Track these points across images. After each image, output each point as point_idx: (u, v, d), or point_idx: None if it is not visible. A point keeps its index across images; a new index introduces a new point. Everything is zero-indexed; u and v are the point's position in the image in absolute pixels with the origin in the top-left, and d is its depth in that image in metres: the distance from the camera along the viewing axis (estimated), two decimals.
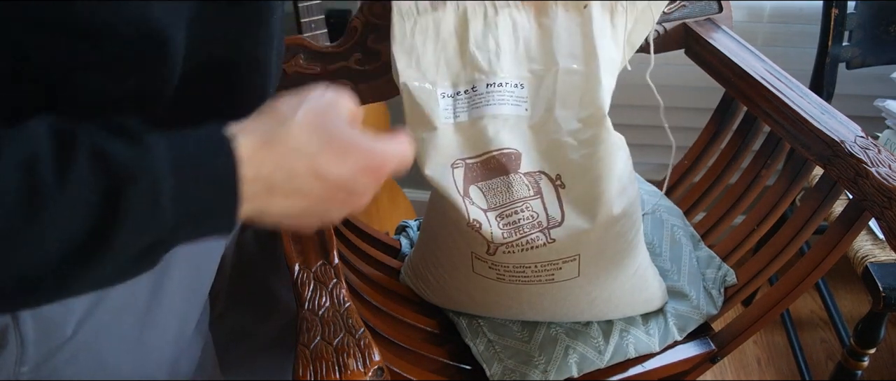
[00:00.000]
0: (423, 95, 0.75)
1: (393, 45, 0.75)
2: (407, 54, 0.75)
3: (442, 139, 0.76)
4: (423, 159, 0.75)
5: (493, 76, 0.77)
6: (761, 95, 0.81)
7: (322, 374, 0.56)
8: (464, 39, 0.76)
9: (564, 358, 0.81)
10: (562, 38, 0.77)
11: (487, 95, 0.77)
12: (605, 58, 0.76)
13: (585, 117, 0.75)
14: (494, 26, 0.77)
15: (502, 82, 0.77)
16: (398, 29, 0.75)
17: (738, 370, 1.51)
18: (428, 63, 0.76)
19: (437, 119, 0.75)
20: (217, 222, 0.44)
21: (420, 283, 0.88)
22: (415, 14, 0.75)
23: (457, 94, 0.77)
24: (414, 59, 0.76)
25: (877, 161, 0.70)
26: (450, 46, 0.76)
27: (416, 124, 0.76)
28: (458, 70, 0.77)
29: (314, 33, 1.28)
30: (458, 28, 0.76)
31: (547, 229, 0.73)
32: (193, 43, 0.47)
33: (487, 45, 0.77)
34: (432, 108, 0.75)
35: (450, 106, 0.77)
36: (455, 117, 0.77)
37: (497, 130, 0.76)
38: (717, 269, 0.90)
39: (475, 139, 0.76)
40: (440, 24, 0.76)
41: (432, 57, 0.76)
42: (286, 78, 0.80)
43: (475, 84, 0.77)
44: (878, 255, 1.05)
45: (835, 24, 1.20)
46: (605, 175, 0.73)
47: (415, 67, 0.76)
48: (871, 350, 1.15)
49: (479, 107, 0.77)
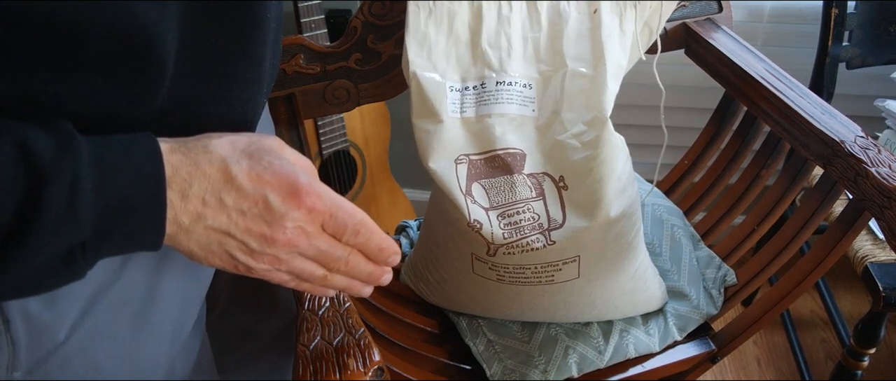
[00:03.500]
0: (432, 87, 0.75)
1: (406, 33, 0.75)
2: (419, 44, 0.75)
3: (447, 133, 0.75)
4: (427, 152, 0.75)
5: (503, 74, 0.77)
6: (761, 95, 0.81)
7: (322, 374, 0.56)
8: (477, 34, 0.76)
9: (564, 358, 0.81)
10: (571, 39, 0.77)
11: (496, 92, 0.77)
12: (612, 62, 0.76)
13: (589, 120, 0.75)
14: (508, 24, 0.77)
15: (512, 81, 0.77)
16: (412, 17, 0.75)
17: (738, 370, 1.51)
18: (439, 55, 0.76)
19: (443, 112, 0.75)
20: (145, 221, 0.43)
21: (420, 283, 0.88)
22: (430, 4, 0.75)
23: (465, 88, 0.77)
24: (425, 50, 0.75)
25: (877, 161, 0.70)
26: (462, 40, 0.76)
27: (422, 116, 0.75)
28: (468, 65, 0.77)
29: (314, 33, 1.28)
30: (472, 22, 0.76)
31: (548, 230, 0.73)
32: (185, 44, 0.46)
33: (499, 42, 0.77)
34: (440, 100, 0.75)
35: (457, 100, 0.77)
36: (462, 112, 0.77)
37: (503, 129, 0.76)
38: (717, 269, 0.90)
39: (481, 136, 0.76)
40: (455, 16, 0.76)
41: (444, 49, 0.76)
42: (286, 77, 0.80)
43: (484, 81, 0.77)
44: (878, 255, 1.05)
45: (835, 24, 1.20)
46: (606, 177, 0.73)
47: (426, 58, 0.76)
48: (871, 350, 1.15)
49: (487, 104, 0.77)
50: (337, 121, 1.43)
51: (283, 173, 0.46)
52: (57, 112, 0.42)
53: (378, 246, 0.52)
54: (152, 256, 0.55)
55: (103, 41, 0.41)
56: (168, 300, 0.58)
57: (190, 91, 0.49)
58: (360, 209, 0.50)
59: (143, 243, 0.44)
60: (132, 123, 0.46)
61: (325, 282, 0.52)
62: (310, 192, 0.47)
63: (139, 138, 0.43)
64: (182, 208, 0.44)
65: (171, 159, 0.44)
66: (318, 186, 0.48)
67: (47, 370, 0.51)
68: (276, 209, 0.46)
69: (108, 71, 0.43)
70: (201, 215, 0.45)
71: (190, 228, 0.45)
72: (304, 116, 0.82)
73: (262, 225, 0.46)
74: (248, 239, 0.47)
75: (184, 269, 0.59)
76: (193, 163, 0.44)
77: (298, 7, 1.25)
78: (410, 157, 0.77)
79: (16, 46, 0.39)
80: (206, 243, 0.46)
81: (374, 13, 0.79)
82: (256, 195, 0.46)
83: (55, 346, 0.51)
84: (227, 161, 0.45)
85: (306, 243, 0.48)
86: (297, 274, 0.50)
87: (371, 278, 0.54)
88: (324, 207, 0.48)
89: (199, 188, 0.44)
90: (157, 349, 0.59)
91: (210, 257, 0.47)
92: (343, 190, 1.52)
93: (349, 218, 0.49)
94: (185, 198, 0.44)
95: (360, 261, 0.52)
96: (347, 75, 0.82)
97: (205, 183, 0.45)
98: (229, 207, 0.45)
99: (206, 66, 0.49)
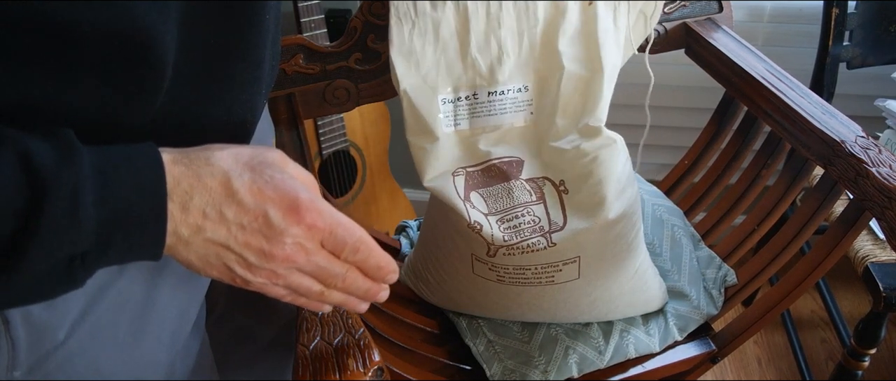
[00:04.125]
0: (424, 102, 0.74)
1: (391, 50, 0.74)
2: (406, 59, 0.74)
3: (443, 150, 0.75)
4: (424, 169, 0.75)
5: (495, 84, 0.76)
6: (761, 95, 0.81)
7: (322, 374, 0.56)
8: (465, 42, 0.75)
9: (564, 358, 0.81)
10: (568, 36, 0.76)
11: (489, 104, 0.76)
12: (608, 63, 0.75)
13: (586, 123, 0.75)
14: (498, 25, 0.75)
15: (504, 90, 0.76)
16: (396, 33, 0.74)
17: (738, 370, 1.51)
18: (428, 66, 0.75)
19: (438, 128, 0.75)
20: (145, 232, 0.43)
21: (420, 283, 0.88)
22: (412, 17, 0.74)
23: (458, 99, 0.76)
24: (413, 64, 0.75)
25: (877, 161, 0.70)
26: (450, 48, 0.75)
27: (416, 133, 0.75)
28: (459, 73, 0.76)
29: (314, 33, 1.28)
30: (459, 28, 0.75)
31: (548, 233, 0.73)
32: (184, 46, 0.46)
33: (490, 47, 0.76)
34: (433, 115, 0.75)
35: (450, 112, 0.76)
36: (456, 125, 0.76)
37: (498, 140, 0.76)
38: (717, 269, 0.89)
39: (476, 148, 0.76)
40: (440, 25, 0.74)
41: (432, 59, 0.75)
42: (286, 77, 0.80)
43: (477, 91, 0.76)
44: (878, 255, 1.05)
45: (835, 23, 1.20)
46: (605, 179, 0.73)
47: (414, 72, 0.75)
48: (871, 350, 1.15)
49: (480, 117, 0.76)
50: (337, 121, 1.43)
51: (285, 189, 0.46)
52: (55, 113, 0.42)
53: (376, 264, 0.52)
54: None
55: (103, 42, 0.41)
56: (168, 301, 0.58)
57: (189, 93, 0.49)
58: (360, 227, 0.50)
59: (143, 253, 0.44)
60: (131, 125, 0.46)
61: (322, 297, 0.52)
62: (310, 208, 0.47)
63: (141, 149, 0.43)
64: (182, 220, 0.44)
65: (172, 171, 0.44)
66: (320, 202, 0.48)
67: (47, 370, 0.51)
68: (275, 225, 0.46)
69: (107, 72, 0.43)
70: (201, 228, 0.45)
71: (189, 240, 0.45)
72: (303, 116, 0.82)
73: (261, 240, 0.46)
74: (246, 253, 0.47)
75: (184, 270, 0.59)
76: (195, 175, 0.44)
77: (298, 7, 1.25)
78: (410, 157, 0.77)
79: (14, 47, 0.39)
80: (205, 254, 0.46)
81: (373, 13, 0.79)
82: (257, 210, 0.46)
83: (55, 346, 0.51)
84: (230, 174, 0.45)
85: (305, 259, 0.48)
86: (295, 289, 0.50)
87: (368, 295, 0.54)
88: (324, 224, 0.48)
89: (200, 201, 0.44)
90: (157, 350, 0.59)
91: (208, 268, 0.47)
92: (343, 190, 1.52)
93: (349, 235, 0.49)
94: (185, 210, 0.44)
95: (357, 278, 0.52)
96: (347, 75, 0.82)
97: (206, 196, 0.45)
98: (230, 220, 0.45)
99: (205, 67, 0.49)
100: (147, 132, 0.47)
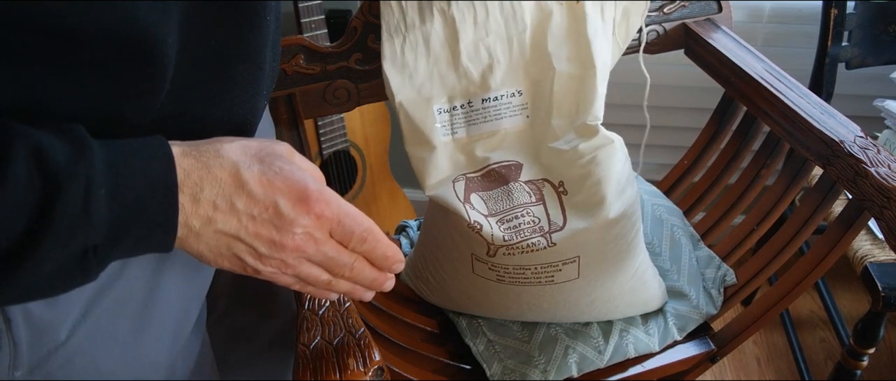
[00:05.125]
0: (420, 114, 0.75)
1: (384, 63, 0.75)
2: (399, 72, 0.75)
3: (441, 158, 0.76)
4: (424, 179, 0.76)
5: (488, 91, 0.76)
6: (761, 96, 0.81)
7: (322, 374, 0.56)
8: (456, 52, 0.76)
9: (564, 358, 0.81)
10: (556, 37, 0.77)
11: (484, 110, 0.77)
12: (600, 61, 0.76)
13: (583, 121, 0.75)
14: (485, 32, 0.76)
15: (497, 96, 0.77)
16: (388, 48, 0.75)
17: (737, 369, 1.51)
18: (422, 79, 0.76)
19: (435, 138, 0.75)
20: (157, 225, 0.43)
21: (420, 283, 0.88)
22: (403, 31, 0.75)
23: (453, 108, 0.77)
24: (407, 77, 0.75)
25: (876, 161, 0.70)
26: (442, 59, 0.76)
27: (414, 144, 0.76)
28: (453, 83, 0.77)
29: (314, 33, 1.28)
30: (449, 39, 0.76)
31: (548, 233, 0.73)
32: (185, 46, 0.46)
33: (480, 55, 0.76)
34: (430, 126, 0.75)
35: (447, 121, 0.77)
36: (453, 134, 0.77)
37: (496, 144, 0.76)
38: (716, 269, 0.90)
39: (474, 155, 0.77)
40: (430, 37, 0.75)
41: (425, 71, 0.76)
42: (287, 77, 0.80)
43: (471, 99, 0.77)
44: (877, 255, 1.05)
45: (834, 24, 1.20)
46: (605, 179, 0.73)
47: (409, 85, 0.75)
48: (870, 350, 1.15)
49: (477, 124, 0.77)
50: (337, 121, 1.43)
51: (294, 179, 0.47)
52: (56, 113, 0.42)
53: (383, 254, 0.53)
54: (153, 256, 0.55)
55: (104, 43, 0.41)
56: (169, 300, 0.58)
57: (190, 94, 0.49)
58: (368, 217, 0.51)
59: (155, 245, 0.44)
60: (131, 125, 0.46)
61: (330, 286, 0.53)
62: (319, 198, 0.47)
63: (151, 142, 0.44)
64: (193, 212, 0.45)
65: (182, 163, 0.44)
66: (328, 192, 0.48)
67: (48, 370, 0.51)
68: (285, 215, 0.47)
69: (108, 73, 0.43)
70: (212, 219, 0.45)
71: (200, 231, 0.46)
72: (304, 116, 0.82)
73: (272, 230, 0.47)
74: (257, 243, 0.47)
75: (184, 269, 0.59)
76: (205, 167, 0.45)
77: (298, 7, 1.25)
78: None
79: (16, 47, 0.39)
80: (216, 245, 0.47)
81: (373, 13, 0.79)
82: (267, 201, 0.46)
83: (56, 346, 0.51)
84: (239, 166, 0.46)
85: (314, 248, 0.49)
86: (303, 278, 0.51)
87: (374, 284, 0.55)
88: (332, 213, 0.48)
89: (211, 192, 0.45)
90: (158, 349, 0.59)
91: (219, 259, 0.48)
92: (343, 190, 1.53)
93: (356, 225, 0.50)
94: (196, 202, 0.44)
95: (364, 267, 0.53)
96: (347, 75, 0.82)
97: (216, 187, 0.45)
98: (240, 211, 0.46)
99: (206, 68, 0.49)
100: (148, 133, 0.47)
